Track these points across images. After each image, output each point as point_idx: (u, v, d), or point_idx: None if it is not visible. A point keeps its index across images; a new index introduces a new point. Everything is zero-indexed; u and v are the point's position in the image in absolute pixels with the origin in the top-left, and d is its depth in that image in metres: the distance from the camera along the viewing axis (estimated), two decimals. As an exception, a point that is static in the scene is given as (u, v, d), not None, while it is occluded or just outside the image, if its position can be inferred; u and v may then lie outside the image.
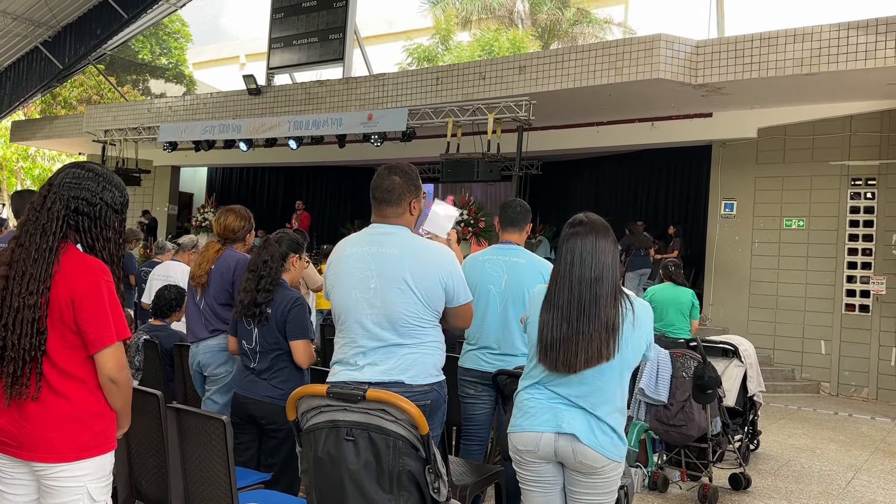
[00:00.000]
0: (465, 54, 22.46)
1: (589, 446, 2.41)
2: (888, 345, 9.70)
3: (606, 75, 9.70)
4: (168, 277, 5.66)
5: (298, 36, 13.68)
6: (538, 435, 2.48)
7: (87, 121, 15.71)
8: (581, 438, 2.41)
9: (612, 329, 2.41)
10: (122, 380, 2.12)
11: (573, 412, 2.45)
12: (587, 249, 2.48)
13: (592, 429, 2.43)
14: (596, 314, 2.41)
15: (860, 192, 10.10)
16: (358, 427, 2.14)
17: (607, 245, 2.50)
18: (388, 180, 2.74)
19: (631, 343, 2.46)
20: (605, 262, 2.47)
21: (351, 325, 2.65)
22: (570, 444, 2.43)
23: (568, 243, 2.52)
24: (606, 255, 2.48)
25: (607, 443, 2.43)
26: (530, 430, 2.50)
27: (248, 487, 2.97)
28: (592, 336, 2.40)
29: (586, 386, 2.44)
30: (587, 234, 2.50)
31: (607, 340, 2.40)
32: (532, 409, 2.52)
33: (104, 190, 2.18)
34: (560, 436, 2.44)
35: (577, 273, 2.46)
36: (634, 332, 2.47)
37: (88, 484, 2.10)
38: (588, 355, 2.39)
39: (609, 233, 2.54)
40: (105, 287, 2.09)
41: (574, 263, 2.48)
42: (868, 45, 8.39)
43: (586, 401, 2.45)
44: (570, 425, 2.43)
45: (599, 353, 2.39)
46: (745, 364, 5.58)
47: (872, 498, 5.24)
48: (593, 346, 2.39)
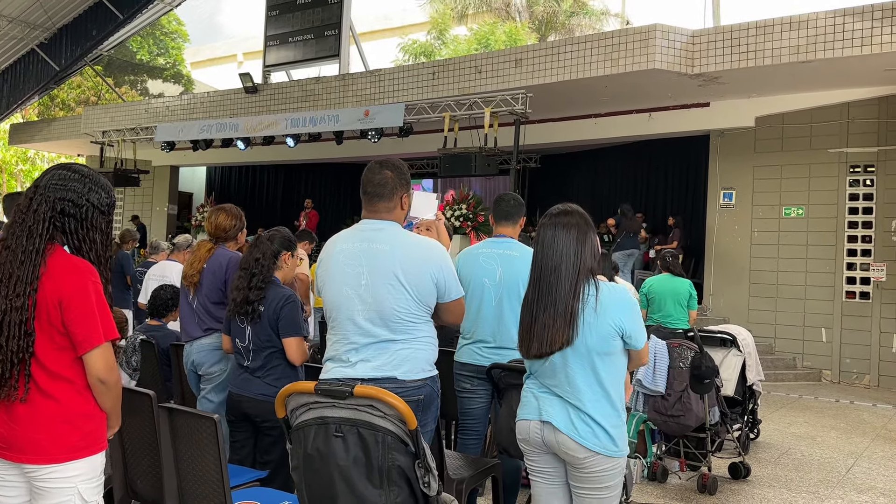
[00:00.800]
0: (461, 48, 22.42)
1: (568, 436, 2.45)
2: (889, 331, 9.69)
3: (603, 67, 9.68)
4: (164, 277, 5.67)
5: (294, 33, 13.67)
6: (528, 423, 2.56)
7: (85, 122, 15.72)
8: (559, 427, 2.46)
9: (569, 315, 2.44)
10: (111, 380, 2.12)
11: (552, 400, 2.52)
12: (547, 240, 2.54)
13: (571, 418, 2.46)
14: (552, 302, 2.47)
15: (859, 179, 10.08)
16: (347, 423, 2.14)
17: (569, 235, 2.52)
18: (379, 174, 2.73)
19: (594, 329, 2.45)
20: (562, 251, 2.50)
21: (343, 322, 2.65)
22: (553, 434, 2.48)
23: (536, 235, 2.61)
24: (566, 244, 2.50)
25: (587, 433, 2.44)
26: (521, 418, 2.60)
27: (244, 485, 2.98)
28: (546, 323, 2.45)
29: (558, 375, 2.49)
30: (549, 225, 2.56)
31: (563, 327, 2.44)
32: (525, 399, 2.62)
33: (90, 191, 2.18)
34: (544, 424, 2.51)
35: (539, 263, 2.54)
36: (598, 317, 2.45)
37: (79, 485, 2.10)
38: (541, 341, 2.46)
39: (575, 224, 2.53)
40: (92, 288, 2.09)
41: (537, 254, 2.56)
42: (864, 32, 8.36)
43: (562, 390, 2.50)
44: (548, 413, 2.50)
45: (553, 339, 2.44)
46: (744, 353, 5.58)
47: (872, 484, 5.24)
48: (547, 332, 2.45)
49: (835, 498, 4.90)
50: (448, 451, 3.63)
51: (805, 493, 4.95)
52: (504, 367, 3.46)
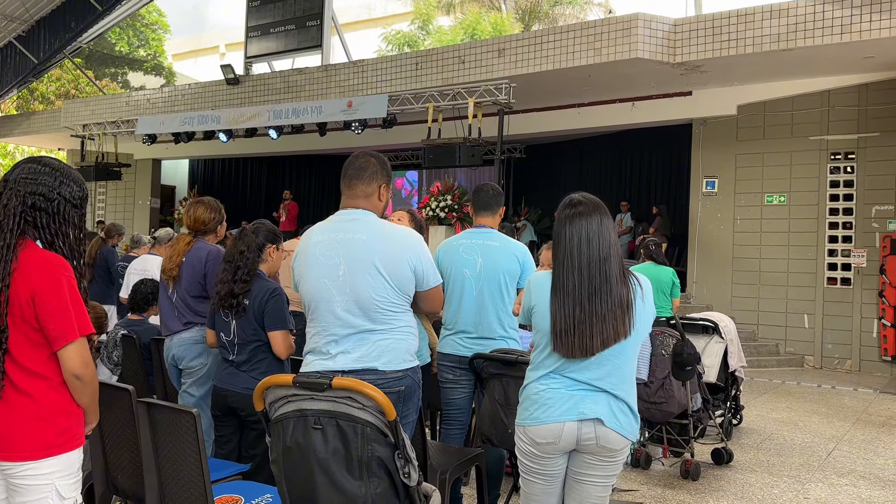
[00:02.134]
0: (447, 39, 22.35)
1: (612, 429, 2.39)
2: (869, 317, 9.80)
3: (585, 56, 9.68)
4: (145, 271, 5.63)
5: (276, 24, 13.56)
6: (560, 426, 2.40)
7: (65, 115, 15.55)
8: (605, 422, 2.38)
9: (626, 307, 2.39)
10: (87, 376, 2.10)
11: (596, 396, 2.41)
12: (592, 229, 2.42)
13: (614, 411, 2.41)
14: (608, 293, 2.38)
15: (840, 166, 10.16)
16: (325, 415, 2.14)
17: (610, 223, 2.48)
18: (362, 159, 2.77)
19: (642, 318, 2.45)
20: (611, 241, 2.44)
21: (322, 314, 2.64)
22: (594, 430, 2.39)
23: (572, 224, 2.45)
24: (611, 232, 2.45)
25: (626, 423, 2.42)
26: (550, 421, 2.41)
27: (225, 479, 2.97)
28: (607, 316, 2.36)
29: (606, 367, 2.40)
30: (590, 213, 2.45)
31: (622, 318, 2.38)
32: (550, 400, 2.43)
33: (61, 185, 2.15)
34: (583, 423, 2.39)
35: (585, 254, 2.41)
36: (645, 307, 2.46)
37: (56, 481, 2.08)
38: (605, 336, 2.36)
39: (607, 211, 2.52)
40: (66, 283, 2.06)
41: (581, 245, 2.42)
42: (844, 20, 8.40)
43: (607, 382, 2.41)
44: (594, 410, 2.39)
45: (616, 332, 2.37)
46: (726, 340, 5.63)
47: (852, 468, 5.31)
48: (608, 326, 2.36)
49: (816, 482, 4.96)
50: (431, 442, 3.64)
51: (786, 478, 5.01)
52: (486, 358, 3.47)
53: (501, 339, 3.70)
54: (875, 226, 9.85)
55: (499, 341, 3.68)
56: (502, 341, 3.69)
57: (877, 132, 9.85)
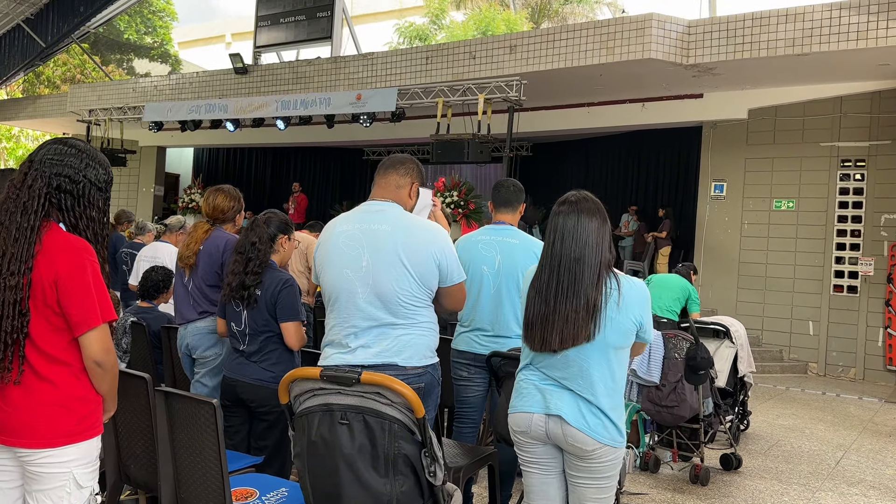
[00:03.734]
0: (459, 34, 22.26)
1: (577, 429, 2.39)
2: (875, 325, 9.76)
3: (598, 55, 9.62)
4: (155, 259, 5.57)
5: (285, 14, 13.48)
6: (529, 416, 2.48)
7: (71, 100, 15.47)
8: (569, 421, 2.40)
9: (592, 309, 2.37)
10: (108, 363, 2.06)
11: (561, 394, 2.44)
12: (568, 229, 2.44)
13: (581, 411, 2.40)
14: (574, 294, 2.38)
15: (850, 173, 10.11)
16: (353, 410, 2.09)
17: (591, 224, 2.44)
18: (403, 156, 2.81)
19: (615, 324, 2.40)
20: (586, 241, 2.42)
21: (343, 305, 2.59)
22: (560, 427, 2.42)
23: (552, 222, 2.49)
24: (589, 234, 2.43)
25: (598, 426, 2.40)
26: (521, 410, 2.51)
27: (240, 471, 2.93)
28: (569, 316, 2.37)
29: (571, 368, 2.42)
30: (570, 213, 2.46)
31: (586, 321, 2.36)
32: (524, 391, 2.52)
33: (87, 167, 2.10)
34: (549, 417, 2.44)
35: (558, 252, 2.44)
36: (620, 312, 2.41)
37: (74, 470, 2.04)
38: (563, 335, 2.37)
39: (596, 212, 2.48)
40: (89, 267, 2.02)
41: (556, 243, 2.45)
42: (860, 25, 8.35)
43: (573, 383, 2.42)
44: (557, 407, 2.42)
45: (576, 333, 2.36)
46: (737, 345, 5.59)
47: (861, 477, 5.27)
48: (569, 326, 2.36)
49: (826, 490, 4.92)
50: (444, 440, 3.60)
51: (796, 485, 4.97)
52: (503, 356, 3.42)
53: (518, 337, 3.61)
54: (884, 234, 9.81)
55: (515, 340, 3.63)
56: (518, 340, 3.62)
57: (888, 140, 9.81)
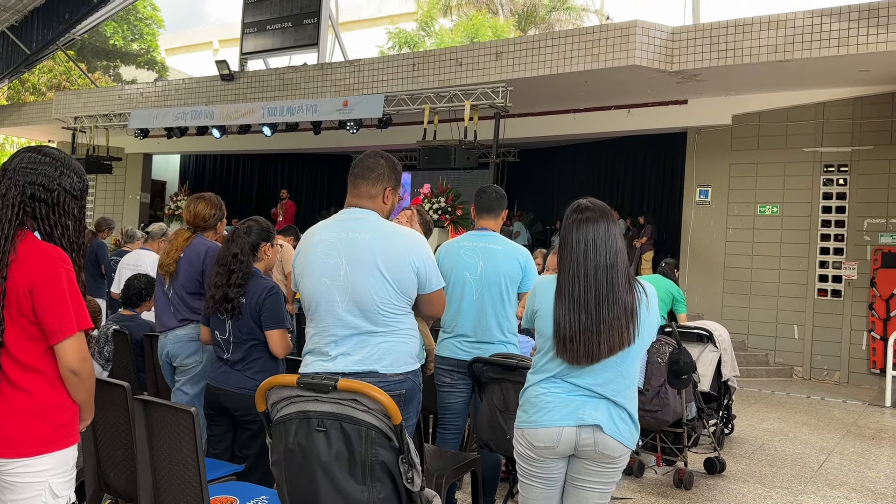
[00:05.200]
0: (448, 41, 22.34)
1: (611, 436, 2.38)
2: (859, 329, 9.84)
3: (583, 62, 9.68)
4: (138, 266, 5.55)
5: (272, 21, 13.50)
6: (559, 430, 2.40)
7: (57, 107, 15.39)
8: (604, 429, 2.38)
9: (631, 314, 2.38)
10: (84, 371, 2.05)
11: (595, 402, 2.40)
12: (599, 236, 2.42)
13: (613, 418, 2.40)
14: (614, 301, 2.37)
15: (833, 178, 10.21)
16: (329, 417, 2.09)
17: (617, 230, 2.47)
18: (372, 160, 2.73)
19: (647, 326, 2.44)
20: (618, 248, 2.43)
21: (322, 314, 2.59)
22: (592, 436, 2.38)
23: (579, 230, 2.44)
24: (618, 239, 2.45)
25: (626, 431, 2.41)
26: (549, 425, 2.42)
27: (220, 479, 2.92)
28: (613, 324, 2.36)
29: (608, 373, 2.40)
30: (598, 219, 2.44)
31: (627, 326, 2.37)
32: (550, 404, 2.43)
33: (62, 175, 2.09)
34: (582, 428, 2.39)
35: (591, 261, 2.40)
36: (650, 314, 2.45)
37: (50, 479, 2.02)
38: (611, 343, 2.36)
39: (614, 218, 2.51)
40: (64, 276, 2.01)
41: (588, 251, 2.41)
42: (841, 32, 8.45)
43: (608, 388, 2.40)
44: (593, 416, 2.38)
45: (622, 339, 2.36)
46: (720, 349, 5.62)
47: (844, 480, 5.31)
48: (615, 333, 2.36)
49: (808, 493, 4.95)
50: (427, 446, 3.60)
51: (779, 489, 5.00)
52: (485, 362, 3.43)
53: (500, 343, 3.66)
54: (867, 239, 9.90)
55: (498, 346, 3.65)
56: (501, 346, 3.66)
57: (870, 145, 9.91)
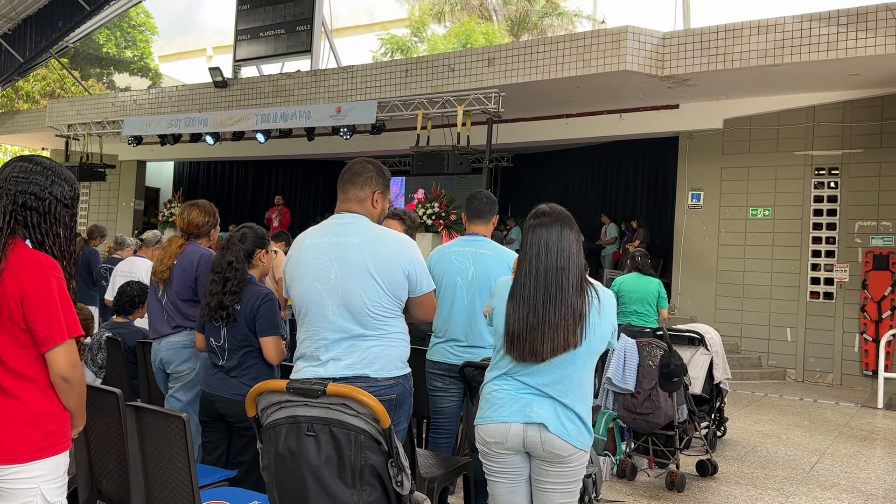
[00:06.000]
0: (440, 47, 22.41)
1: (557, 435, 2.44)
2: (851, 331, 9.90)
3: (575, 67, 9.73)
4: (132, 273, 5.56)
5: (265, 28, 13.53)
6: (507, 426, 2.48)
7: (50, 115, 15.39)
8: (549, 427, 2.43)
9: (578, 317, 2.43)
10: (75, 378, 2.07)
11: (541, 401, 2.47)
12: (553, 239, 2.49)
13: (560, 417, 2.45)
14: (562, 302, 2.44)
15: (824, 181, 10.27)
16: (319, 422, 2.12)
17: (572, 234, 2.53)
18: (359, 165, 2.78)
19: (597, 330, 2.48)
20: (570, 252, 2.49)
21: (313, 318, 2.62)
22: (539, 434, 2.45)
23: (534, 234, 2.53)
24: (571, 244, 2.51)
25: (574, 431, 2.46)
26: (498, 420, 2.50)
27: (213, 485, 2.93)
28: (559, 324, 2.42)
29: (554, 374, 2.46)
30: (552, 224, 2.52)
31: (574, 328, 2.42)
32: (500, 400, 2.52)
33: (53, 184, 2.12)
34: (528, 425, 2.46)
35: (543, 263, 2.48)
36: (601, 319, 2.49)
37: (42, 485, 2.04)
38: (554, 344, 2.41)
39: (573, 223, 2.57)
40: (55, 283, 2.03)
41: (540, 254, 2.49)
42: (830, 37, 8.52)
43: (554, 389, 2.46)
44: (539, 414, 2.45)
45: (566, 341, 2.42)
46: (711, 352, 5.65)
47: (835, 481, 5.34)
48: (559, 334, 2.41)
49: (799, 495, 4.98)
50: (419, 450, 3.62)
51: (771, 490, 5.03)
52: (477, 366, 3.46)
53: (491, 347, 3.67)
54: (858, 241, 9.96)
55: (489, 350, 3.65)
56: (492, 350, 3.68)
57: (860, 148, 9.98)
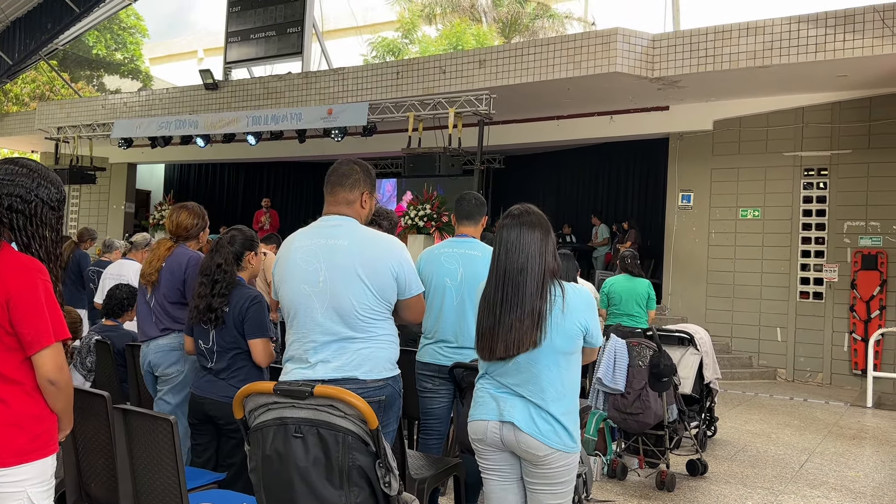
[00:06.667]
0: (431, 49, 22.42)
1: (529, 434, 2.46)
2: (841, 331, 9.96)
3: (565, 69, 9.77)
4: (121, 276, 5.54)
5: (256, 30, 13.53)
6: (485, 423, 2.54)
7: (40, 118, 15.32)
8: (520, 427, 2.47)
9: (537, 317, 2.45)
10: (61, 381, 2.06)
11: (513, 401, 2.51)
12: (511, 241, 2.52)
13: (532, 417, 2.47)
14: (518, 303, 2.46)
15: (813, 182, 10.34)
16: (306, 423, 2.12)
17: (533, 235, 2.53)
18: (346, 167, 2.77)
19: (561, 330, 2.48)
20: (529, 252, 2.50)
21: (302, 320, 2.62)
22: (513, 433, 2.49)
23: (498, 235, 2.57)
24: (531, 244, 2.51)
25: (548, 431, 2.46)
26: (477, 418, 2.58)
27: (201, 487, 2.93)
28: (513, 325, 2.44)
29: (522, 374, 2.49)
30: (513, 225, 2.54)
31: (531, 328, 2.44)
32: (481, 399, 2.59)
33: (39, 186, 2.11)
34: (503, 424, 2.50)
35: (503, 264, 2.52)
36: (565, 318, 2.49)
37: (29, 489, 2.03)
38: (507, 343, 2.45)
39: (537, 224, 2.56)
40: (42, 286, 2.03)
41: (500, 255, 2.53)
42: (818, 38, 8.58)
43: (525, 389, 2.50)
44: (510, 413, 2.49)
45: (519, 341, 2.44)
46: (701, 352, 5.67)
47: (824, 480, 5.37)
48: (513, 334, 2.44)
49: (789, 493, 5.01)
50: (410, 451, 3.62)
51: (760, 489, 5.06)
52: (466, 367, 3.46)
53: (482, 349, 3.69)
54: (847, 241, 10.02)
55: (478, 351, 3.68)
56: (482, 351, 3.69)
57: (849, 149, 10.04)
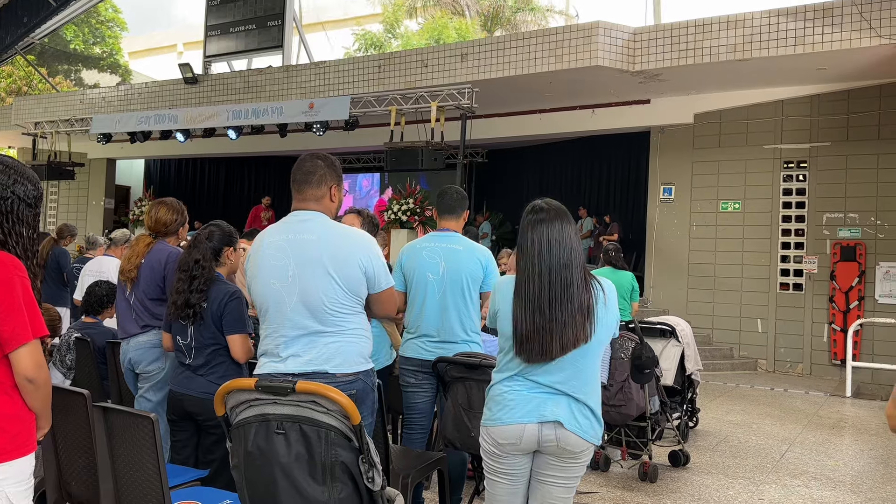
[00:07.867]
0: (413, 42, 22.35)
1: (572, 432, 2.42)
2: (820, 321, 10.08)
3: (547, 63, 9.78)
4: (100, 273, 5.49)
5: (236, 23, 13.42)
6: (521, 427, 2.44)
7: (16, 113, 15.11)
8: (565, 425, 2.41)
9: (587, 312, 2.42)
10: (40, 379, 2.04)
11: (556, 399, 2.44)
12: (554, 236, 2.45)
13: (574, 414, 2.43)
14: (569, 299, 2.41)
15: (792, 174, 10.44)
16: (289, 420, 2.11)
17: (572, 229, 2.51)
18: (310, 163, 2.75)
19: (604, 322, 2.47)
20: (572, 247, 2.47)
21: (273, 315, 2.61)
22: (554, 432, 2.42)
23: (533, 231, 2.47)
24: (572, 239, 2.49)
25: (588, 426, 2.45)
26: (512, 422, 2.46)
27: (183, 485, 2.91)
28: (567, 322, 2.39)
29: (567, 371, 2.44)
30: (552, 220, 2.47)
31: (583, 324, 2.40)
32: (512, 402, 2.47)
33: (16, 183, 2.08)
34: (543, 425, 2.43)
35: (546, 261, 2.43)
36: (607, 311, 2.48)
37: (7, 489, 2.01)
38: (564, 341, 2.39)
39: (570, 217, 2.54)
40: (19, 283, 2.00)
41: (542, 251, 2.44)
42: (797, 32, 8.65)
43: (568, 385, 2.44)
44: (554, 413, 2.42)
45: (576, 337, 2.39)
46: (683, 344, 5.72)
47: (804, 469, 5.44)
48: (568, 331, 2.39)
49: (770, 483, 5.07)
50: (393, 446, 3.63)
51: (742, 479, 5.12)
52: (449, 361, 3.47)
53: (464, 342, 3.70)
54: (826, 233, 10.14)
55: (461, 345, 3.68)
56: (465, 345, 3.70)
57: (828, 142, 10.15)
